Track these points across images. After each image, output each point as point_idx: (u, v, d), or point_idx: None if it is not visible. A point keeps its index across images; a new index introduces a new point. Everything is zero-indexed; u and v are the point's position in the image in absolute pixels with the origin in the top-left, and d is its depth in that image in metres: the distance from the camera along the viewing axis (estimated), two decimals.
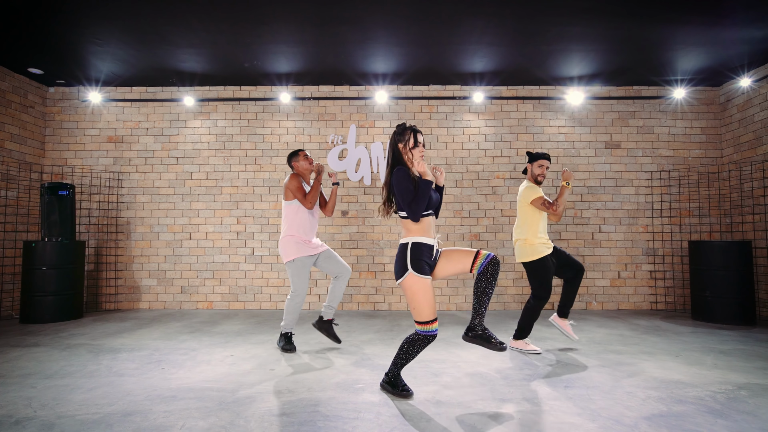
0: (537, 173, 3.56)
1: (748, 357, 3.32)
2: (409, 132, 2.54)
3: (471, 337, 2.47)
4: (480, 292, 2.43)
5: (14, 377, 2.85)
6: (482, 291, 2.42)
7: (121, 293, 5.71)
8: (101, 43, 4.59)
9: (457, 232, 5.71)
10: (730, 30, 4.30)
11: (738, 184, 5.40)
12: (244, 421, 2.14)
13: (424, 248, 2.41)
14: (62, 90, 5.86)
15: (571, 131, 5.81)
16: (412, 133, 2.54)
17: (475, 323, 2.46)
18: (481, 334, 2.44)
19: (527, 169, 3.66)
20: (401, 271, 2.41)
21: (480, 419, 2.17)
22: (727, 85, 5.61)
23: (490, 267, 2.40)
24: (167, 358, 3.30)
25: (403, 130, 2.56)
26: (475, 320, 2.46)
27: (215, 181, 5.79)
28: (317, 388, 2.62)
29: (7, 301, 5.17)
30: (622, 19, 4.13)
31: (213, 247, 5.72)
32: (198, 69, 5.28)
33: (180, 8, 3.95)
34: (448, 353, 3.44)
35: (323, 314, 3.64)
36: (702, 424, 2.12)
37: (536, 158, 3.57)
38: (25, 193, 5.44)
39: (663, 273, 5.65)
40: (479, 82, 5.68)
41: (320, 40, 4.57)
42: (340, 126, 5.82)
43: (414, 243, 2.42)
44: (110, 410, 2.29)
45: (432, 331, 2.40)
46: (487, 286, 2.42)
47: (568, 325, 3.62)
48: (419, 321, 2.40)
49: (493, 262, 2.41)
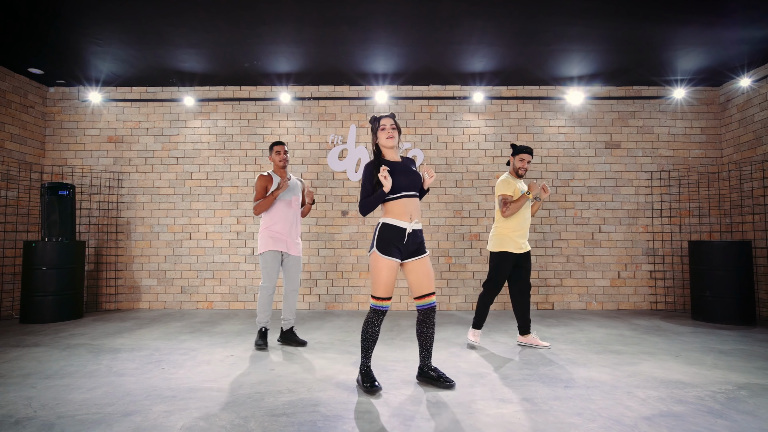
0: (518, 166, 3.63)
1: (748, 357, 3.32)
2: (374, 122, 2.65)
3: (423, 378, 2.68)
4: (423, 335, 2.65)
5: (14, 377, 2.85)
6: (424, 333, 2.64)
7: (121, 293, 5.71)
8: (101, 43, 4.59)
9: (457, 232, 5.71)
10: (730, 30, 4.30)
11: (738, 184, 5.40)
12: (244, 421, 2.14)
13: (393, 230, 2.51)
14: (62, 90, 5.86)
15: (571, 131, 5.81)
16: (376, 119, 2.64)
17: (424, 364, 2.68)
18: (432, 375, 2.65)
19: (510, 161, 3.70)
20: (369, 247, 2.59)
21: (480, 419, 2.17)
22: (727, 85, 5.61)
23: (430, 312, 2.62)
24: (167, 358, 3.30)
25: (371, 122, 2.66)
26: (423, 361, 2.68)
27: (215, 181, 5.79)
28: (317, 388, 2.62)
29: (7, 301, 5.17)
30: (622, 19, 4.13)
31: (213, 247, 5.72)
32: (198, 69, 5.28)
33: (180, 8, 3.95)
34: (448, 353, 3.44)
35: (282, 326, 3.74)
36: (702, 424, 2.12)
37: (518, 152, 3.62)
38: (25, 193, 5.44)
39: (663, 273, 5.65)
40: (479, 82, 5.68)
41: (320, 40, 4.57)
42: (340, 126, 5.82)
43: (383, 224, 2.54)
44: (110, 410, 2.29)
45: (382, 306, 2.55)
46: (428, 326, 2.63)
47: (533, 337, 3.66)
48: (373, 295, 2.56)
49: (432, 310, 2.62)
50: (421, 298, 2.61)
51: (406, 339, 3.94)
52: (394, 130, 2.59)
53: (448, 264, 5.68)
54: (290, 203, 3.63)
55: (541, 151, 5.78)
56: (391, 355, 3.37)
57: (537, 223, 5.71)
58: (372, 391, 2.51)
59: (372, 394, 2.50)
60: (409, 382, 2.73)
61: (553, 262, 5.67)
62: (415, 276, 2.59)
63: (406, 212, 2.53)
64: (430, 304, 2.61)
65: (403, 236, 2.51)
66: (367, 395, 2.50)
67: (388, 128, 2.57)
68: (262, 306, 3.59)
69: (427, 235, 5.69)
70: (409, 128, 5.80)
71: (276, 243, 3.56)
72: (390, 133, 2.57)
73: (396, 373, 2.91)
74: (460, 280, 5.64)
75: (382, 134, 2.58)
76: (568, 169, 5.77)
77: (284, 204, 3.60)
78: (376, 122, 2.62)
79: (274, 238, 3.57)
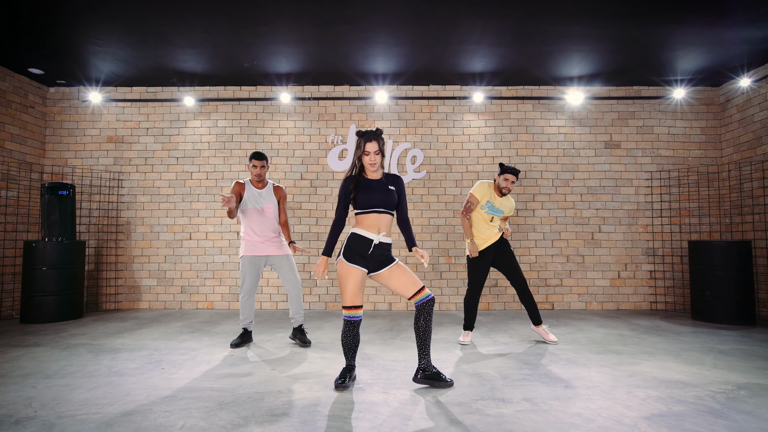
0: (502, 186, 3.78)
1: (748, 357, 3.33)
2: (359, 139, 2.67)
3: (421, 378, 2.65)
4: (421, 332, 2.63)
5: (14, 377, 2.85)
6: (423, 329, 2.63)
7: (121, 293, 5.71)
8: (101, 43, 4.59)
9: (457, 232, 5.71)
10: (730, 30, 4.30)
11: (738, 184, 5.40)
12: (244, 421, 2.14)
13: (361, 240, 2.60)
14: (62, 90, 5.86)
15: (571, 131, 5.81)
16: (361, 140, 2.65)
17: (423, 363, 2.66)
18: (431, 374, 2.65)
19: (495, 178, 3.84)
20: (337, 255, 2.67)
21: (480, 419, 2.17)
22: (727, 85, 5.61)
23: (428, 306, 2.62)
24: (167, 358, 3.30)
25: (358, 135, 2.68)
26: (422, 360, 2.66)
27: (215, 181, 5.79)
28: (317, 388, 2.62)
29: (8, 301, 5.17)
30: (622, 20, 4.13)
31: (213, 247, 5.72)
32: (198, 69, 5.28)
33: (180, 8, 3.95)
34: (448, 353, 3.44)
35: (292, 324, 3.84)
36: (702, 424, 2.12)
37: (503, 172, 3.77)
38: (25, 193, 5.44)
39: (663, 273, 5.65)
40: (479, 82, 5.68)
41: (320, 40, 4.57)
42: (340, 126, 5.82)
43: (352, 233, 2.64)
44: (110, 410, 2.29)
45: (352, 317, 2.60)
46: (426, 324, 2.62)
47: (543, 329, 3.82)
48: (343, 305, 2.62)
49: (430, 302, 2.63)
50: (414, 296, 2.64)
51: (406, 339, 3.94)
52: (377, 155, 2.64)
53: (448, 264, 5.68)
54: (262, 212, 3.71)
55: (541, 151, 5.78)
56: (391, 355, 3.37)
57: (537, 223, 5.72)
58: (338, 386, 2.59)
59: (337, 389, 2.59)
60: (408, 382, 2.73)
61: (553, 262, 5.67)
62: (394, 282, 2.65)
63: (375, 226, 2.62)
64: (427, 297, 2.64)
65: (368, 247, 2.60)
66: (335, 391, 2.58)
67: (372, 154, 2.63)
68: (241, 308, 3.76)
69: (427, 235, 5.69)
70: (409, 128, 5.81)
71: (252, 248, 3.69)
72: (373, 159, 2.64)
73: (396, 373, 2.91)
74: (460, 280, 5.64)
75: (366, 158, 2.65)
76: (568, 169, 5.77)
77: (256, 212, 3.70)
78: (362, 143, 2.65)
79: (251, 243, 3.70)
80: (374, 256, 2.62)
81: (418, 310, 2.64)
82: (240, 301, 3.73)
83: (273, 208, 3.76)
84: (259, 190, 3.76)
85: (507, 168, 3.76)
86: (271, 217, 3.74)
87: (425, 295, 2.64)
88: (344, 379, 2.63)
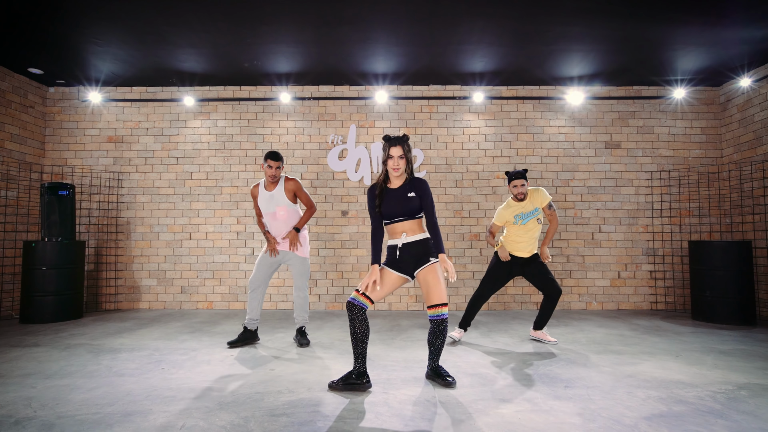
0: (514, 193, 3.76)
1: (748, 357, 3.32)
2: (384, 144, 2.74)
3: (429, 377, 2.78)
4: (432, 344, 2.72)
5: (14, 377, 2.85)
6: (433, 343, 2.71)
7: (121, 293, 5.70)
8: (101, 43, 4.59)
9: (457, 232, 5.71)
10: (730, 30, 4.30)
11: (738, 184, 5.40)
12: (244, 421, 2.14)
13: (390, 249, 2.76)
14: (62, 90, 5.86)
15: (571, 131, 5.81)
16: (387, 144, 2.72)
17: (433, 364, 2.76)
18: (438, 372, 2.74)
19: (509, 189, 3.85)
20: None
21: (480, 419, 2.17)
22: (727, 85, 5.61)
23: (440, 326, 2.66)
24: (167, 358, 3.30)
25: (385, 140, 2.74)
26: (432, 362, 2.77)
27: (215, 181, 5.79)
28: (317, 388, 2.62)
29: (7, 301, 5.17)
30: (622, 19, 4.13)
31: (213, 247, 5.72)
32: (198, 69, 5.28)
33: (180, 8, 3.95)
34: (448, 353, 3.44)
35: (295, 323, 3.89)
36: (702, 424, 2.12)
37: (510, 179, 3.77)
38: (25, 193, 5.43)
39: (663, 273, 5.65)
40: (479, 82, 5.68)
41: (320, 40, 4.57)
42: (340, 126, 5.82)
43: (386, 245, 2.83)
44: (110, 410, 2.29)
45: (354, 299, 2.63)
46: (440, 343, 2.71)
47: (542, 332, 3.86)
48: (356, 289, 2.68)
49: (443, 322, 2.66)
50: (431, 308, 2.64)
51: (406, 339, 3.94)
52: (401, 160, 2.67)
53: None
54: (274, 215, 3.73)
55: (541, 151, 5.78)
56: (391, 355, 3.37)
57: None
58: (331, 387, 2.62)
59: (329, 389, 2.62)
60: (409, 382, 2.73)
61: (553, 262, 5.67)
62: (423, 285, 2.68)
63: (399, 232, 2.72)
64: (439, 316, 2.63)
65: (395, 252, 2.72)
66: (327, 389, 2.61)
67: (396, 158, 2.67)
68: (247, 303, 3.77)
69: None
70: (409, 128, 5.80)
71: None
72: (396, 163, 2.67)
73: (396, 373, 2.91)
74: (460, 280, 5.64)
75: (390, 162, 2.69)
76: (568, 169, 5.77)
77: (270, 216, 3.76)
78: (387, 147, 2.70)
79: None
80: (404, 258, 2.70)
81: (432, 326, 2.67)
82: (248, 296, 3.75)
83: (285, 209, 3.73)
84: (270, 192, 3.73)
85: (511, 175, 3.73)
86: (285, 218, 3.73)
87: (440, 313, 2.63)
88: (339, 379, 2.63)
